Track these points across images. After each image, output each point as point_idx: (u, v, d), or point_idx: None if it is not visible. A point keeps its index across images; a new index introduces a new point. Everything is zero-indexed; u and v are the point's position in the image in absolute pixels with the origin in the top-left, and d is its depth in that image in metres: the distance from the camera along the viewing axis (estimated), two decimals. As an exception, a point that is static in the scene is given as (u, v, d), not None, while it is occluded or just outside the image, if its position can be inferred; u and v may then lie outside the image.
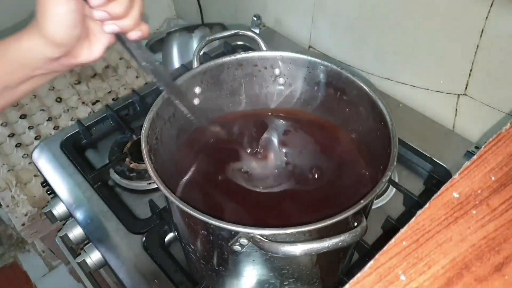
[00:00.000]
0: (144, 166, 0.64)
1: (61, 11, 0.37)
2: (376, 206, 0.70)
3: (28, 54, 0.40)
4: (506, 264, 0.32)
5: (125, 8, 0.40)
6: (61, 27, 0.38)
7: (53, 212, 0.74)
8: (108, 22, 0.40)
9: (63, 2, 0.37)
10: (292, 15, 1.00)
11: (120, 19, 0.40)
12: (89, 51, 0.42)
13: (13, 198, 0.96)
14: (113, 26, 0.41)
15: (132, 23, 0.41)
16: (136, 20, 0.41)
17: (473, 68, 0.71)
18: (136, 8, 0.41)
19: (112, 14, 0.39)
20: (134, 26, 0.42)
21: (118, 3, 0.39)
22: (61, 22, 0.38)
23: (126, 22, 0.41)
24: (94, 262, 0.67)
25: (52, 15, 0.38)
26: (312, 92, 0.61)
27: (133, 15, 0.41)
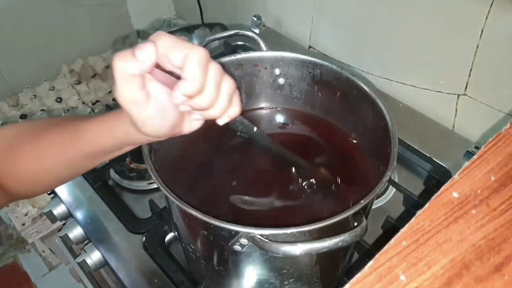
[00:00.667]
0: (144, 166, 0.64)
1: (142, 117, 0.35)
2: (376, 206, 0.70)
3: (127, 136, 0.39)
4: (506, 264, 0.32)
5: (210, 100, 0.36)
6: (149, 129, 0.36)
7: (53, 212, 0.74)
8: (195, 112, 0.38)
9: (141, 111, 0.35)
10: (292, 15, 1.00)
11: (206, 111, 0.37)
12: (189, 124, 0.40)
13: (13, 198, 0.96)
14: (199, 117, 0.39)
15: (219, 113, 0.38)
16: (223, 109, 0.38)
17: (473, 68, 0.71)
18: (224, 94, 0.37)
19: (197, 108, 0.36)
20: (222, 113, 0.38)
21: (202, 97, 0.35)
22: (147, 125, 0.36)
23: (213, 113, 0.37)
24: (94, 262, 0.67)
25: (136, 121, 0.35)
26: (312, 92, 0.61)
27: (220, 105, 0.37)
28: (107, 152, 0.43)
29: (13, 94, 1.19)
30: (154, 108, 0.35)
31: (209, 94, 0.35)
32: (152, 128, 0.36)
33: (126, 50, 0.32)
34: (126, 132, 0.38)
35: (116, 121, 0.39)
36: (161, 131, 0.37)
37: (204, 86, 0.35)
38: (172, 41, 0.34)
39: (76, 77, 1.24)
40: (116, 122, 0.39)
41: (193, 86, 0.34)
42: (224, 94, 0.37)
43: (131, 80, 0.33)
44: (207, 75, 0.35)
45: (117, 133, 0.40)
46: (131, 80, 0.33)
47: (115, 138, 0.40)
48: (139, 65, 0.32)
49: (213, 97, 0.36)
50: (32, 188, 0.47)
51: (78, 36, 1.26)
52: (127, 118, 0.36)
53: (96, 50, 1.30)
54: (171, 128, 0.38)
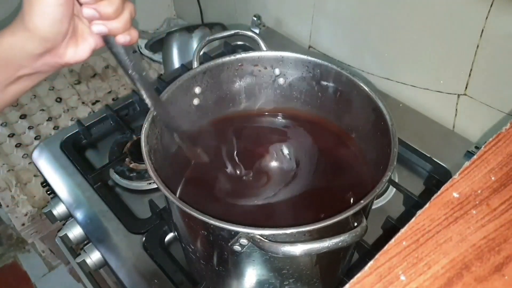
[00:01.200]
0: (144, 166, 0.64)
1: (49, 3, 0.36)
2: (376, 206, 0.70)
3: (11, 51, 0.38)
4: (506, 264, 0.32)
5: (116, 8, 0.38)
6: (47, 20, 0.37)
7: (53, 212, 0.74)
8: (97, 22, 0.39)
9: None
10: (292, 15, 1.00)
11: (110, 20, 0.39)
12: (74, 51, 0.41)
13: (13, 198, 0.96)
14: (101, 27, 0.39)
15: (122, 26, 0.39)
16: (126, 23, 0.40)
17: (473, 68, 0.71)
18: (127, 11, 0.39)
19: (101, 13, 0.38)
20: (123, 29, 0.40)
21: (109, 2, 0.37)
22: (47, 14, 0.36)
23: (115, 24, 0.39)
24: (94, 262, 0.67)
25: (40, 7, 0.36)
26: (312, 92, 0.61)
27: (123, 18, 0.39)
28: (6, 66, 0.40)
29: (13, 94, 1.19)
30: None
31: (115, 2, 0.37)
32: (50, 20, 0.36)
33: None
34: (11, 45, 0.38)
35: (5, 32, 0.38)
36: (51, 28, 0.37)
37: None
38: None
39: (76, 77, 1.24)
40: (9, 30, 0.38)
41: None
42: (128, 10, 0.39)
43: None
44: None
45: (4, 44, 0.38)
46: None
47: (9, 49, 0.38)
48: None
49: (118, 7, 0.38)
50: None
51: (78, 36, 1.25)
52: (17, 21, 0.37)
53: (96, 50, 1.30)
54: (61, 34, 0.38)
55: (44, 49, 0.39)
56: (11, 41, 0.38)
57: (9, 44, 0.38)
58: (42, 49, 0.39)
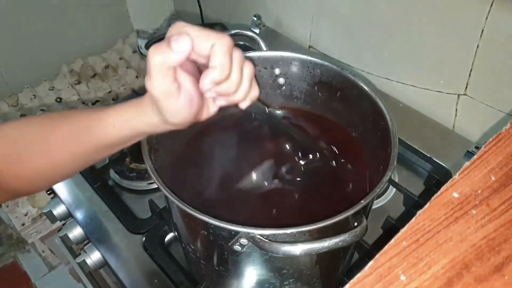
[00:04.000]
0: (144, 166, 0.64)
1: (173, 108, 0.36)
2: (376, 206, 0.70)
3: (147, 127, 0.40)
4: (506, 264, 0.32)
5: (235, 88, 0.38)
6: (178, 118, 0.37)
7: (53, 212, 0.74)
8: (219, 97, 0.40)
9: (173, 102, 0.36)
10: (292, 15, 1.00)
11: (231, 96, 0.39)
12: (206, 112, 0.41)
13: (13, 198, 0.96)
14: (223, 102, 0.40)
15: (242, 97, 0.39)
16: (245, 92, 0.39)
17: (473, 68, 0.71)
18: (246, 79, 0.39)
19: (223, 94, 0.38)
20: (244, 98, 0.40)
21: (228, 83, 0.37)
22: (177, 116, 0.37)
23: (236, 98, 0.39)
24: (94, 262, 0.67)
25: (167, 112, 0.36)
26: (312, 92, 0.61)
27: (243, 89, 0.39)
28: (120, 144, 0.43)
29: (13, 94, 1.19)
30: (184, 98, 0.36)
31: (234, 80, 0.37)
32: (180, 117, 0.37)
33: (160, 43, 0.34)
34: (147, 123, 0.39)
35: (135, 113, 0.39)
36: (187, 120, 0.38)
37: (230, 73, 0.36)
38: (199, 31, 0.35)
39: (76, 77, 1.24)
40: (136, 114, 0.39)
41: (221, 73, 0.35)
42: (246, 78, 0.39)
43: (167, 72, 0.34)
44: (232, 62, 0.36)
45: (136, 124, 0.40)
46: (167, 73, 0.34)
47: (133, 129, 0.40)
48: (176, 57, 0.33)
49: (238, 83, 0.38)
50: (36, 184, 0.46)
51: (78, 36, 1.26)
52: (148, 109, 0.37)
53: (96, 50, 1.30)
54: (195, 115, 0.39)
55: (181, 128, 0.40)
56: (150, 120, 0.38)
57: (147, 122, 0.39)
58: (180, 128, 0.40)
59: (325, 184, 0.58)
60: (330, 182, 0.58)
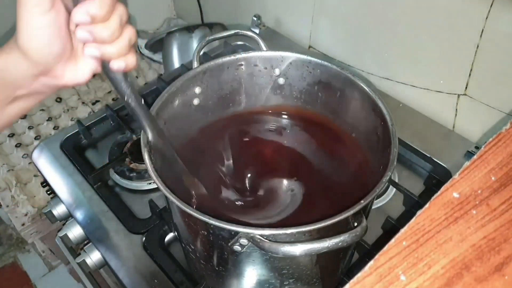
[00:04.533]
0: (144, 166, 0.64)
1: (35, 24, 0.33)
2: (376, 206, 0.70)
3: (6, 71, 0.36)
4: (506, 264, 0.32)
5: (112, 32, 0.35)
6: (36, 42, 0.34)
7: (53, 212, 0.74)
8: (91, 44, 0.36)
9: (39, 14, 0.33)
10: (292, 15, 1.00)
11: (105, 44, 0.36)
12: (73, 73, 0.38)
13: (13, 198, 0.96)
14: (94, 50, 0.36)
15: (117, 51, 0.36)
16: (122, 48, 0.36)
17: (473, 68, 0.71)
18: (126, 36, 0.36)
19: (96, 36, 0.34)
20: (118, 55, 0.36)
21: (105, 26, 0.34)
22: (35, 36, 0.34)
23: (111, 49, 0.36)
24: (94, 262, 0.67)
25: (26, 28, 0.33)
26: (312, 92, 0.61)
27: (120, 43, 0.36)
28: None
29: (13, 94, 1.19)
30: (51, 18, 0.33)
31: (112, 25, 0.34)
32: (39, 43, 0.34)
33: None
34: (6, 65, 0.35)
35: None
36: (46, 52, 0.35)
37: (108, 17, 0.34)
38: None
39: (76, 77, 1.24)
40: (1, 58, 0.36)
41: (100, 7, 0.33)
42: (126, 35, 0.36)
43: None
44: (114, 8, 0.34)
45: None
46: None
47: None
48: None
49: (115, 31, 0.35)
50: None
51: (78, 36, 1.25)
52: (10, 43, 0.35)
53: (96, 50, 1.30)
54: (54, 56, 0.35)
55: (38, 71, 0.36)
56: (6, 61, 0.35)
57: (4, 64, 0.36)
58: (36, 70, 0.36)
59: (325, 184, 0.58)
60: (330, 182, 0.58)
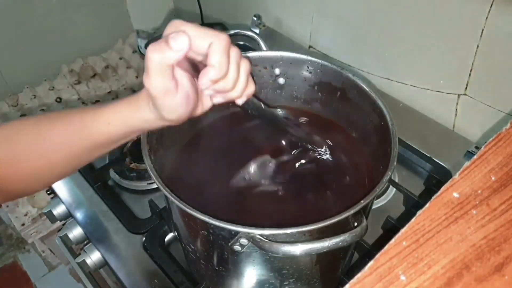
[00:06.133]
0: (144, 166, 0.64)
1: (170, 105, 0.37)
2: (376, 206, 0.70)
3: (143, 123, 0.40)
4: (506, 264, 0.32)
5: (232, 84, 0.38)
6: (174, 115, 0.38)
7: (53, 212, 0.74)
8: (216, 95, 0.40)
9: (170, 99, 0.36)
10: (292, 15, 1.00)
11: (228, 92, 0.39)
12: (201, 107, 0.41)
13: (13, 198, 0.96)
14: (221, 99, 0.41)
15: (239, 93, 0.40)
16: (242, 90, 0.40)
17: (473, 68, 0.71)
18: (243, 75, 0.39)
19: (219, 91, 0.39)
20: (241, 94, 0.41)
21: (225, 81, 0.38)
22: (173, 112, 0.37)
23: (233, 94, 0.40)
24: (94, 262, 0.67)
25: (163, 109, 0.37)
26: (312, 92, 0.61)
27: (239, 86, 0.39)
28: (115, 142, 0.42)
29: (13, 94, 1.19)
30: (181, 96, 0.36)
31: (232, 77, 0.38)
32: (177, 114, 0.38)
33: (159, 41, 0.34)
34: (144, 120, 0.39)
35: (130, 110, 0.39)
36: (183, 116, 0.39)
37: (227, 71, 0.37)
38: (196, 29, 0.35)
39: (76, 77, 1.24)
40: (131, 111, 0.39)
41: (219, 72, 0.36)
42: (243, 75, 0.39)
43: (165, 70, 0.34)
44: (229, 59, 0.37)
45: (132, 121, 0.40)
46: (165, 71, 0.34)
47: (129, 126, 0.40)
48: (175, 55, 0.33)
49: (235, 80, 0.38)
50: (32, 185, 0.46)
51: (78, 36, 1.26)
52: (144, 105, 0.38)
53: (96, 50, 1.30)
54: (191, 112, 0.39)
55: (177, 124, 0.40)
56: (146, 116, 0.39)
57: (143, 118, 0.39)
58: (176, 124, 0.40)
59: (325, 184, 0.57)
60: (330, 182, 0.58)
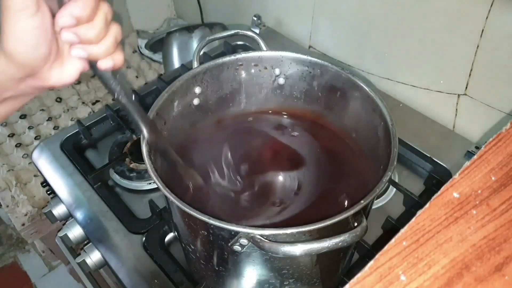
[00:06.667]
0: (144, 166, 0.64)
1: (22, 27, 0.32)
2: (376, 206, 0.70)
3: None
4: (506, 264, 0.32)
5: (97, 33, 0.35)
6: (22, 46, 0.33)
7: (53, 212, 0.74)
8: (77, 46, 0.35)
9: (24, 18, 0.32)
10: (292, 15, 1.00)
11: (91, 44, 0.35)
12: (60, 74, 0.37)
13: (13, 198, 0.96)
14: (81, 51, 0.36)
15: (104, 51, 0.36)
16: (109, 47, 0.36)
17: (473, 68, 0.71)
18: (112, 35, 0.36)
19: (81, 37, 0.34)
20: (106, 54, 0.37)
21: (90, 26, 0.34)
22: (22, 40, 0.33)
23: (97, 49, 0.36)
24: (94, 262, 0.67)
25: (12, 32, 0.32)
26: (312, 92, 0.61)
27: (106, 42, 0.36)
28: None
29: (13, 94, 1.19)
30: (39, 20, 0.32)
31: (97, 25, 0.34)
32: (25, 46, 0.33)
33: None
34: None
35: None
36: (33, 55, 0.34)
37: (93, 17, 0.34)
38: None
39: (76, 77, 1.24)
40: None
41: (83, 8, 0.33)
42: (112, 34, 0.36)
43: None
44: (98, 8, 0.34)
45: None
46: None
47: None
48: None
49: (101, 31, 0.35)
50: None
51: (78, 36, 1.25)
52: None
53: (96, 50, 1.30)
54: (40, 58, 0.35)
55: (24, 74, 0.36)
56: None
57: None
58: (22, 73, 0.36)
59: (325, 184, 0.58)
60: (330, 182, 0.58)
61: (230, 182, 0.57)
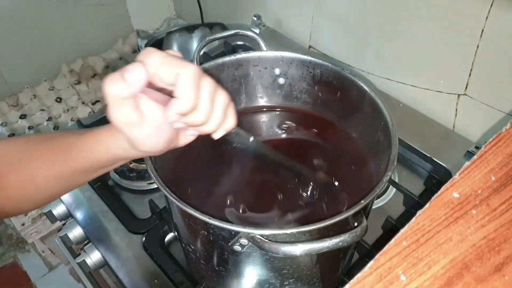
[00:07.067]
0: (144, 166, 0.64)
1: (136, 137, 0.35)
2: (376, 206, 0.70)
3: (123, 152, 0.38)
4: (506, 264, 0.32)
5: (205, 117, 0.35)
6: (144, 147, 0.36)
7: (53, 212, 0.74)
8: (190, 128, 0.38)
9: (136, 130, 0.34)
10: (292, 15, 1.00)
11: (201, 126, 0.37)
12: (184, 137, 0.40)
13: (13, 198, 0.96)
14: (194, 132, 0.39)
15: (214, 127, 0.37)
16: (218, 123, 0.37)
17: (473, 68, 0.71)
18: (219, 109, 0.36)
19: (191, 124, 0.36)
20: (217, 128, 0.38)
21: (196, 114, 0.35)
22: (142, 144, 0.35)
23: (208, 127, 0.37)
24: (94, 262, 0.67)
25: (133, 138, 0.35)
26: (312, 92, 0.61)
27: (215, 120, 0.37)
28: (100, 167, 0.42)
29: (13, 94, 1.19)
30: (149, 127, 0.34)
31: (203, 110, 0.35)
32: (149, 146, 0.36)
33: (115, 73, 0.32)
34: (121, 147, 0.38)
35: (110, 137, 0.38)
36: (158, 148, 0.37)
37: (197, 103, 0.34)
38: (161, 59, 0.33)
39: (76, 77, 1.24)
40: (111, 138, 0.38)
41: (186, 105, 0.34)
42: (218, 108, 0.36)
43: (123, 102, 0.32)
44: (200, 92, 0.34)
45: (112, 148, 0.39)
46: (123, 103, 0.32)
47: (109, 153, 0.39)
48: (129, 88, 0.32)
49: (207, 113, 0.36)
50: (21, 206, 0.45)
51: (78, 36, 1.26)
52: (121, 134, 0.36)
53: (96, 50, 1.30)
54: (167, 144, 0.38)
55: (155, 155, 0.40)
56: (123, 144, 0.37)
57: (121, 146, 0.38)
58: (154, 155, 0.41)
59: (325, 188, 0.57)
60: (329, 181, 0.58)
61: (230, 182, 0.57)
